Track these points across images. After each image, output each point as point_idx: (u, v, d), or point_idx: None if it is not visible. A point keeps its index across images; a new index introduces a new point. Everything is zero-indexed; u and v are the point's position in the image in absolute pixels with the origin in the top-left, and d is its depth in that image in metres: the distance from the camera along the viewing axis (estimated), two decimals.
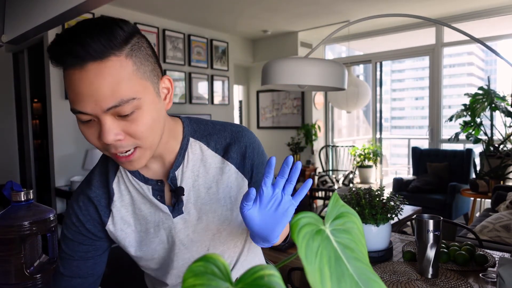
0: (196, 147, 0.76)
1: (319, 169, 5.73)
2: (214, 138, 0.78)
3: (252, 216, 0.61)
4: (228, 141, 0.78)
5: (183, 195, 0.74)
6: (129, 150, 0.62)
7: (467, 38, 3.06)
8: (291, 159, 0.58)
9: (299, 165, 0.61)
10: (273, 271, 0.43)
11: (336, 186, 4.88)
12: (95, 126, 0.59)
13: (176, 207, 0.75)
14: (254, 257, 0.90)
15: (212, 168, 0.76)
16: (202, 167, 0.75)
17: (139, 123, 0.59)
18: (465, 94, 4.21)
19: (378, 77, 5.49)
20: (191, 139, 0.76)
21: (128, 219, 0.75)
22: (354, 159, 5.53)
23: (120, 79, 0.55)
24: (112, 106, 0.55)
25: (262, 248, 0.97)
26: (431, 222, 1.19)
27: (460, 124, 4.15)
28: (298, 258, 1.16)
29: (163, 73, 0.67)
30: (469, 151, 4.37)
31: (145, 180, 0.73)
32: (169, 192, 0.76)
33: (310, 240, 0.42)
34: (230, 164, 0.76)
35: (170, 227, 0.76)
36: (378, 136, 5.53)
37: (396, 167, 7.19)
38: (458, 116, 4.17)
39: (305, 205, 4.82)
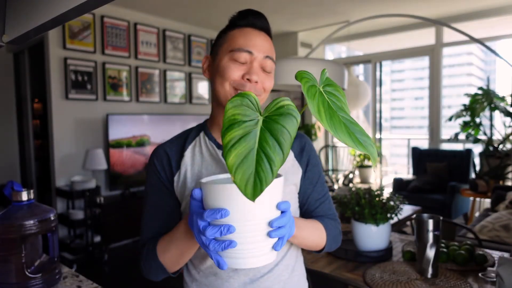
0: None
1: None
2: None
3: None
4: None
5: None
6: None
7: (467, 38, 3.07)
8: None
9: None
10: (290, 101, 0.57)
11: (336, 186, 4.88)
12: (245, 67, 0.83)
13: None
14: (296, 258, 0.94)
15: None
16: None
17: (269, 81, 0.86)
18: (464, 94, 4.22)
19: (378, 77, 5.49)
20: None
21: (193, 175, 0.88)
22: (354, 159, 5.53)
23: (272, 48, 0.88)
24: (267, 55, 0.84)
25: None
26: (430, 222, 1.19)
27: (459, 124, 4.15)
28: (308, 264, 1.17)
29: None
30: (469, 151, 4.38)
31: (219, 146, 0.89)
32: None
33: (310, 87, 0.55)
34: (290, 151, 0.89)
35: None
36: (378, 136, 5.53)
37: (395, 167, 7.19)
38: (458, 116, 4.17)
39: None
